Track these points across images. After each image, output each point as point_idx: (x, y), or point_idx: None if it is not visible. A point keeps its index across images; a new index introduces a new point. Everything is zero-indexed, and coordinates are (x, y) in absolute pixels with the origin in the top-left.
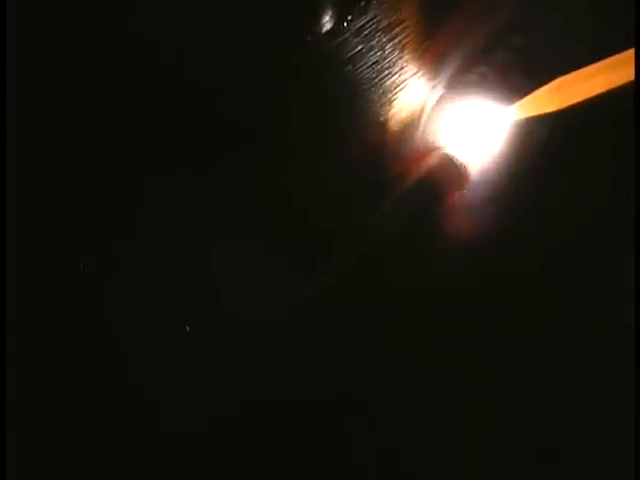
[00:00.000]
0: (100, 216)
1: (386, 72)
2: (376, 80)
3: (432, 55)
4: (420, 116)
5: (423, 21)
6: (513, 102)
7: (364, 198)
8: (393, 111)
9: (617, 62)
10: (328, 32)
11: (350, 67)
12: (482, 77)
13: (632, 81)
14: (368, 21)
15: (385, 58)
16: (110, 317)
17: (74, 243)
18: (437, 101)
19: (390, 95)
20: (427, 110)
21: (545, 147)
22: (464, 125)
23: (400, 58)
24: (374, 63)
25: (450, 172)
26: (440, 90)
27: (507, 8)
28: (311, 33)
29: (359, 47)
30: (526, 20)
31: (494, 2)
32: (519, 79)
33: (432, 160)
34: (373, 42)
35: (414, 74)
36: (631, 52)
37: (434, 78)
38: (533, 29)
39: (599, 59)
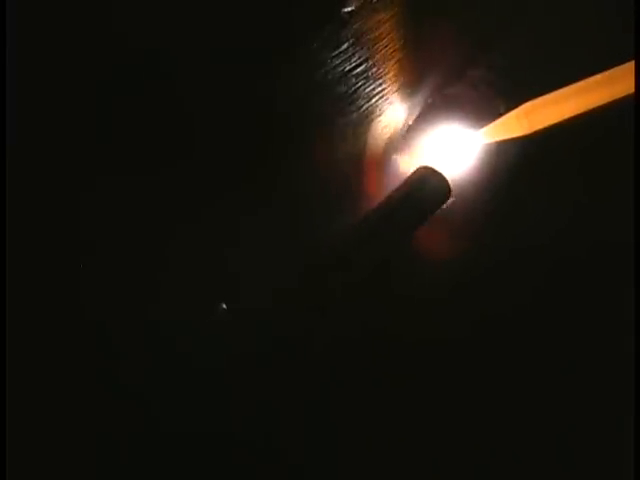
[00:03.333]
0: (98, 215)
1: (362, 83)
2: (352, 91)
3: (400, 83)
4: (396, 128)
5: (401, 34)
6: (482, 126)
7: (341, 207)
8: (369, 121)
9: (585, 87)
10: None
11: (327, 77)
12: (451, 101)
13: (602, 105)
14: (347, 33)
15: (363, 70)
16: (108, 317)
17: (74, 243)
18: (405, 126)
19: (366, 106)
20: (396, 135)
21: (513, 171)
22: (433, 149)
23: (378, 70)
24: (351, 73)
25: (435, 186)
26: (408, 115)
27: (483, 27)
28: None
29: (336, 58)
30: (499, 41)
31: (462, 30)
32: (488, 103)
33: (417, 174)
34: (352, 53)
35: (390, 86)
36: (598, 77)
37: (411, 91)
38: (503, 53)
39: (567, 84)
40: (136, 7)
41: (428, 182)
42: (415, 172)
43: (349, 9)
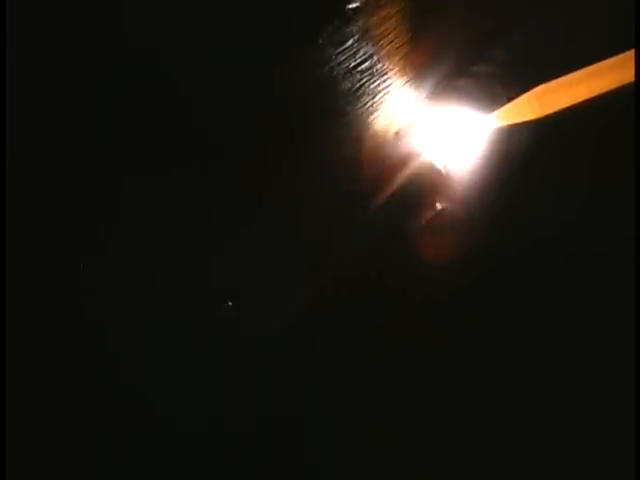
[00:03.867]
0: (97, 216)
1: (367, 79)
2: (357, 87)
3: (414, 63)
4: (402, 123)
5: (406, 29)
6: (494, 110)
7: (346, 206)
8: (375, 118)
9: (597, 71)
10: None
11: (331, 73)
12: (464, 84)
13: (612, 89)
14: (351, 29)
15: (368, 66)
16: (108, 317)
17: (74, 243)
18: (419, 108)
19: (371, 102)
20: (409, 117)
21: (526, 155)
22: (445, 132)
23: (383, 66)
24: (356, 70)
25: (433, 178)
26: (422, 97)
27: (489, 16)
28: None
29: (340, 54)
30: (508, 28)
31: (477, 10)
32: (500, 86)
33: (414, 167)
34: (357, 50)
35: (396, 81)
36: (611, 61)
37: (416, 85)
38: (515, 37)
39: (580, 67)
40: (139, 8)
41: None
42: (410, 166)
43: (354, 5)
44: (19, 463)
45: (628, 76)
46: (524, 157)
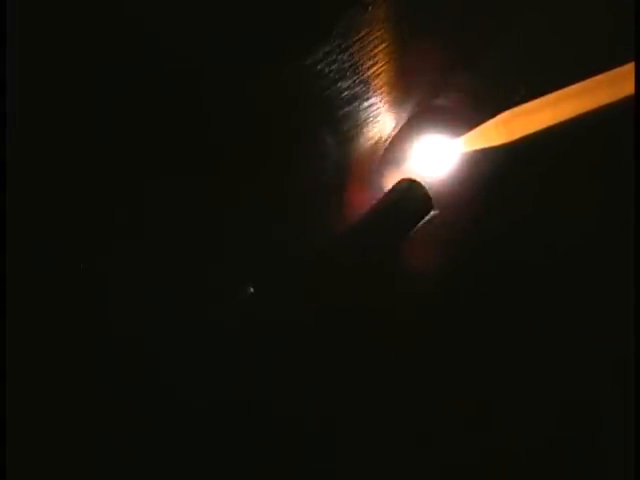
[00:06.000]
0: (99, 216)
1: (343, 105)
2: (337, 111)
3: (391, 90)
4: (374, 148)
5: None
6: (460, 135)
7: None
8: (346, 144)
9: (563, 96)
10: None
11: (310, 97)
12: (431, 110)
13: (579, 114)
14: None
15: (342, 92)
16: (109, 318)
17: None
18: (391, 134)
19: (343, 129)
20: (380, 142)
21: (491, 180)
22: (416, 158)
23: (353, 93)
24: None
25: (417, 199)
26: (391, 123)
27: (457, 42)
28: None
29: (323, 78)
30: (477, 54)
31: (444, 39)
32: (467, 112)
33: (398, 187)
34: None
35: (369, 107)
36: (574, 87)
37: (392, 111)
38: (483, 63)
39: (545, 93)
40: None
41: (409, 194)
42: (397, 184)
43: None
44: (20, 463)
45: (592, 102)
46: (490, 182)
